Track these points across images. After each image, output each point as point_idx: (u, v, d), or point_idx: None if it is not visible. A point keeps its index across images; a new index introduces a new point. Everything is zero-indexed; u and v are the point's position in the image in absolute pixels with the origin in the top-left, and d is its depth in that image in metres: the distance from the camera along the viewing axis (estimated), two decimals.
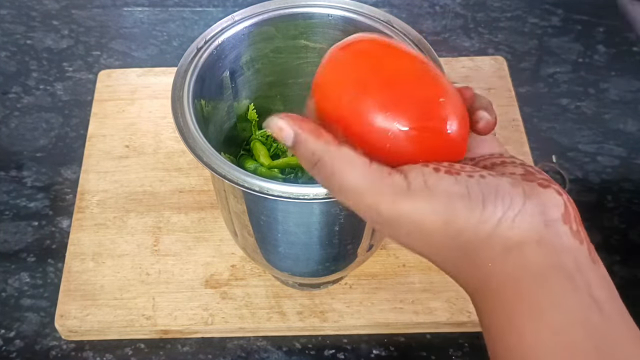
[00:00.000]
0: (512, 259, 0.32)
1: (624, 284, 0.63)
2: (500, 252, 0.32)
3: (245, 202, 0.50)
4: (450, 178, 0.33)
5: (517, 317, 0.32)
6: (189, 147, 0.46)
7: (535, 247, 0.32)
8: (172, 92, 0.49)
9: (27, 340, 0.60)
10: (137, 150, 0.70)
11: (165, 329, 0.59)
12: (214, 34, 0.52)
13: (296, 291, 0.61)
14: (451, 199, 0.32)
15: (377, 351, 0.60)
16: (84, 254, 0.63)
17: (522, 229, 0.32)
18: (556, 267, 0.32)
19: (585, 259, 0.32)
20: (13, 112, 0.76)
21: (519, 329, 0.32)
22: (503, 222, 0.32)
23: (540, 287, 0.32)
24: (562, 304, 0.31)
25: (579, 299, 0.31)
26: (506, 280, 0.32)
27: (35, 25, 0.85)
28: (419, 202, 0.33)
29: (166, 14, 0.86)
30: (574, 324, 0.31)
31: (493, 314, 0.33)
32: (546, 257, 0.32)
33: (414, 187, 0.33)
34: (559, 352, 0.31)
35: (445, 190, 0.33)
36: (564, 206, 0.33)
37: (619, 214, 0.68)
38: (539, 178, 0.34)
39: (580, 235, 0.33)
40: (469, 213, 0.32)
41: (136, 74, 0.76)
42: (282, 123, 0.35)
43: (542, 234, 0.32)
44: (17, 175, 0.71)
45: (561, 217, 0.33)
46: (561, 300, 0.31)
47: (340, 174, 0.34)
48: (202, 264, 0.63)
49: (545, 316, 0.31)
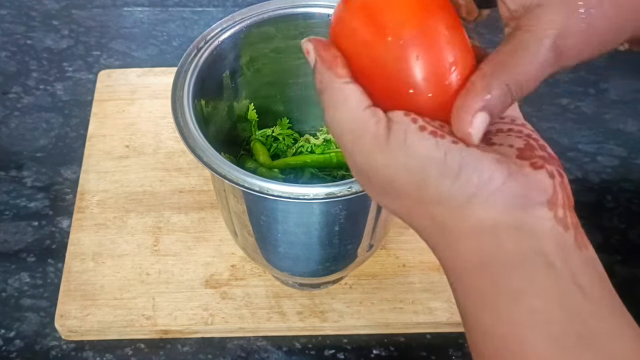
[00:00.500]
0: (487, 242, 0.31)
1: (624, 283, 0.63)
2: (470, 230, 0.32)
3: (245, 202, 0.50)
4: (432, 140, 0.32)
5: (495, 299, 0.31)
6: (189, 147, 0.46)
7: (512, 232, 0.31)
8: (172, 92, 0.49)
9: (27, 340, 0.60)
10: (137, 150, 0.70)
11: (165, 329, 0.59)
12: (214, 34, 0.52)
13: (296, 291, 0.61)
14: (424, 162, 0.32)
15: (377, 351, 0.60)
16: (84, 254, 0.63)
17: (498, 211, 0.31)
18: (534, 252, 0.31)
19: (570, 246, 0.31)
20: (13, 112, 0.76)
21: (495, 311, 0.31)
22: (476, 199, 0.31)
23: (517, 272, 0.31)
24: (540, 287, 0.30)
25: (559, 284, 0.30)
26: (480, 263, 0.32)
27: (35, 25, 0.85)
28: (392, 159, 0.32)
29: (166, 14, 0.86)
30: (553, 306, 0.30)
31: (468, 295, 0.32)
32: (523, 242, 0.31)
33: (393, 141, 0.32)
34: (537, 330, 0.30)
35: (420, 152, 0.32)
36: (553, 190, 0.32)
37: (619, 213, 0.68)
38: (536, 156, 0.33)
39: (566, 221, 0.32)
40: (441, 180, 0.31)
41: (136, 74, 0.76)
42: (309, 46, 0.35)
43: (519, 217, 0.31)
44: (17, 175, 0.71)
45: (546, 201, 0.31)
46: (539, 283, 0.30)
47: (333, 109, 0.34)
48: (202, 264, 0.63)
49: (523, 298, 0.30)
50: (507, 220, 0.31)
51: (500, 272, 0.31)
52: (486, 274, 0.32)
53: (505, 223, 0.31)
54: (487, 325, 0.32)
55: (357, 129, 0.33)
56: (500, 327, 0.31)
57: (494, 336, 0.31)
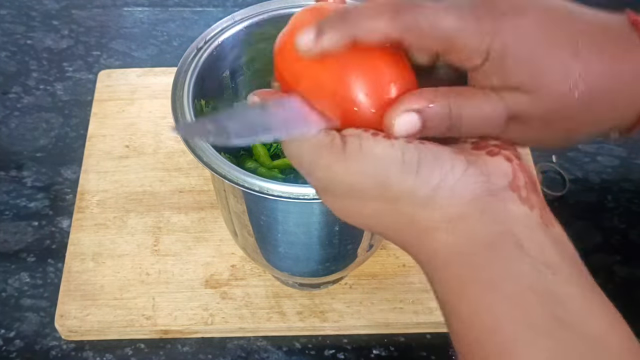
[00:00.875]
0: (457, 231, 0.32)
1: (624, 284, 0.63)
2: (440, 221, 0.32)
3: (245, 202, 0.50)
4: (386, 142, 0.33)
5: (469, 288, 0.32)
6: (189, 147, 0.46)
7: (480, 217, 0.32)
8: (172, 92, 0.49)
9: (27, 340, 0.60)
10: (137, 150, 0.70)
11: (165, 329, 0.59)
12: (214, 34, 0.52)
13: (296, 291, 0.61)
14: (382, 161, 0.32)
15: (377, 351, 0.60)
16: (84, 254, 0.63)
17: (464, 199, 0.32)
18: (503, 235, 0.32)
19: (537, 224, 0.32)
20: (13, 112, 0.76)
21: (472, 299, 0.32)
22: (441, 190, 0.32)
23: (488, 257, 0.32)
24: (512, 271, 0.31)
25: (529, 264, 0.31)
26: (453, 253, 0.32)
27: (35, 25, 0.85)
28: (351, 164, 0.33)
29: (166, 14, 0.86)
30: (526, 289, 0.31)
31: (445, 286, 0.33)
32: (492, 226, 0.32)
33: (349, 150, 0.33)
34: (513, 316, 0.31)
35: (377, 153, 0.32)
36: (513, 173, 0.33)
37: (619, 213, 0.68)
38: (490, 145, 0.34)
39: (530, 201, 0.33)
40: (402, 176, 0.32)
41: (136, 74, 0.76)
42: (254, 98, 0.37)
43: (485, 203, 0.32)
44: (17, 175, 0.71)
45: (508, 184, 0.32)
46: (511, 268, 0.31)
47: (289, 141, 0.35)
48: (202, 264, 0.63)
49: (497, 285, 0.31)
50: (474, 207, 0.32)
51: (473, 260, 0.32)
52: (460, 264, 0.32)
53: (472, 210, 0.32)
54: (465, 316, 0.32)
55: (313, 149, 0.34)
56: (478, 316, 0.32)
57: (473, 326, 0.32)
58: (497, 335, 0.31)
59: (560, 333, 0.30)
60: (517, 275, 0.31)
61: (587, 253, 0.63)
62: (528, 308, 0.31)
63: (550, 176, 0.71)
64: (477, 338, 0.32)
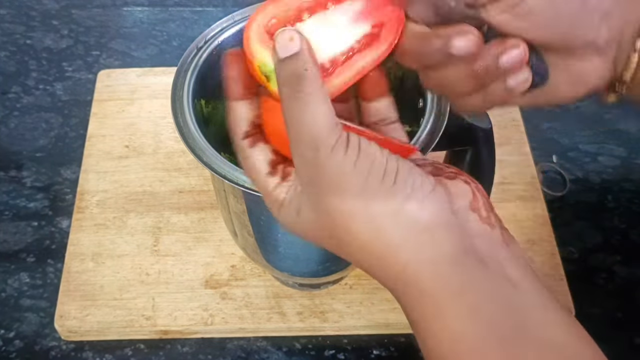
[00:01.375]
0: (424, 244, 0.34)
1: (624, 284, 0.63)
2: (409, 231, 0.34)
3: (245, 202, 0.50)
4: (377, 146, 0.35)
5: (439, 302, 0.33)
6: (189, 147, 0.46)
7: (445, 233, 0.34)
8: (172, 92, 0.49)
9: (26, 340, 0.60)
10: (137, 150, 0.70)
11: (165, 329, 0.59)
12: (214, 34, 0.52)
13: (296, 291, 0.61)
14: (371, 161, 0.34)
15: (377, 351, 0.59)
16: (84, 254, 0.63)
17: (431, 212, 0.34)
18: (468, 251, 0.33)
19: (498, 242, 0.34)
20: (13, 112, 0.76)
21: (442, 313, 0.33)
22: (412, 200, 0.34)
23: (455, 271, 0.33)
24: (477, 285, 0.33)
25: (492, 279, 0.33)
26: (422, 268, 0.34)
27: (35, 25, 0.85)
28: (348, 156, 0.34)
29: (166, 13, 0.86)
30: (490, 302, 0.33)
31: (416, 304, 0.34)
32: (456, 242, 0.34)
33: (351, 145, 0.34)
34: (479, 329, 0.32)
35: (369, 153, 0.34)
36: (472, 194, 0.35)
37: (620, 214, 0.68)
38: (447, 172, 0.36)
39: (490, 220, 0.35)
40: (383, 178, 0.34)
41: (136, 74, 0.76)
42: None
43: (450, 220, 0.34)
44: (17, 175, 0.70)
45: (469, 204, 0.35)
46: (476, 282, 0.33)
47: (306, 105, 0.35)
48: (202, 264, 0.62)
49: (464, 297, 0.33)
50: (440, 221, 0.34)
51: (439, 273, 0.34)
52: (427, 278, 0.34)
53: (438, 226, 0.34)
54: (436, 329, 0.34)
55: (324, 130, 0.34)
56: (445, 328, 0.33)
57: (442, 339, 0.33)
58: (462, 344, 0.32)
59: (523, 340, 0.32)
60: (480, 288, 0.33)
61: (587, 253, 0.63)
62: (491, 318, 0.32)
63: (550, 176, 0.71)
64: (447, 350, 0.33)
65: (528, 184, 0.68)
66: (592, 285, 0.63)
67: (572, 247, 0.65)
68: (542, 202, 0.66)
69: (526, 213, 0.66)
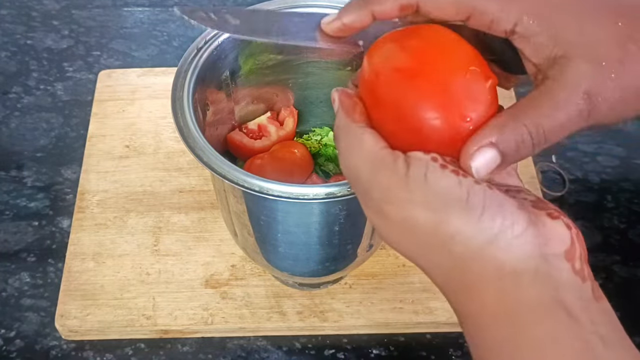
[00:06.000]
0: (507, 289, 0.31)
1: (623, 284, 0.63)
2: (491, 275, 0.31)
3: (245, 202, 0.50)
4: (454, 178, 0.31)
5: (514, 352, 0.31)
6: (189, 147, 0.46)
7: (533, 279, 0.31)
8: (172, 92, 0.49)
9: (27, 340, 0.60)
10: (137, 150, 0.70)
11: (166, 328, 0.59)
12: (214, 34, 0.52)
13: (296, 291, 0.61)
14: (447, 199, 0.31)
15: (377, 351, 0.60)
16: (84, 254, 0.63)
17: (519, 256, 0.31)
18: (555, 300, 0.30)
19: (588, 296, 0.31)
20: (13, 112, 0.76)
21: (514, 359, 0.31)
22: (499, 241, 0.30)
23: (539, 322, 0.30)
24: (562, 340, 0.30)
25: (580, 334, 0.30)
26: (502, 312, 0.31)
27: (35, 25, 0.85)
28: (413, 193, 0.31)
29: (166, 14, 0.86)
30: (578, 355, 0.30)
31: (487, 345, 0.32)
32: (544, 290, 0.31)
33: (412, 176, 0.31)
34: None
35: (443, 188, 0.31)
36: (570, 241, 0.32)
37: (619, 213, 0.68)
38: (550, 208, 0.33)
39: (583, 273, 0.31)
40: (464, 219, 0.31)
41: (136, 74, 0.76)
42: (335, 94, 0.36)
43: (540, 266, 0.31)
44: (18, 175, 0.71)
45: (564, 253, 0.31)
46: (562, 336, 0.30)
47: (349, 152, 0.34)
48: (202, 264, 0.63)
49: (546, 352, 0.30)
50: (527, 268, 0.31)
51: (522, 322, 0.31)
52: (507, 324, 0.31)
53: (526, 270, 0.31)
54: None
55: (374, 167, 0.32)
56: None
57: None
58: None
59: None
60: (568, 343, 0.30)
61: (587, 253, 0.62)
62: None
63: (550, 176, 0.71)
64: None
65: (527, 183, 0.68)
66: None
67: None
68: None
69: None
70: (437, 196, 0.31)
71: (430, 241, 0.32)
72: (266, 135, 0.60)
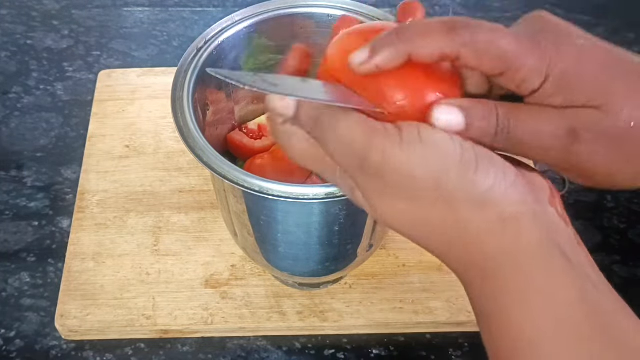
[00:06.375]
0: (510, 235, 0.32)
1: (624, 283, 0.63)
2: (494, 221, 0.32)
3: (245, 202, 0.50)
4: (445, 135, 0.32)
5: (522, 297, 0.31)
6: (189, 147, 0.46)
7: (532, 220, 0.32)
8: (172, 92, 0.49)
9: (27, 340, 0.60)
10: (137, 150, 0.70)
11: (166, 328, 0.59)
12: (214, 34, 0.52)
13: (296, 291, 0.61)
14: (442, 154, 0.31)
15: (377, 351, 0.60)
16: (84, 254, 0.63)
17: (517, 200, 0.32)
18: (552, 243, 0.32)
19: (574, 239, 0.33)
20: (13, 112, 0.76)
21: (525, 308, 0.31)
22: (496, 189, 0.32)
23: (541, 265, 0.31)
24: (562, 283, 0.31)
25: (577, 275, 0.31)
26: (505, 259, 0.32)
27: (35, 25, 0.85)
28: (411, 153, 0.32)
29: (166, 14, 0.86)
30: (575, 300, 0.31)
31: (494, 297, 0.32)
32: (542, 232, 0.32)
33: (407, 138, 0.32)
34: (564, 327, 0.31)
35: (439, 144, 0.32)
36: (549, 189, 0.34)
37: (619, 213, 0.68)
38: (524, 165, 0.34)
39: (565, 217, 0.33)
40: (462, 172, 0.31)
41: (136, 74, 0.76)
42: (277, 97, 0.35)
43: (535, 210, 0.32)
44: (17, 175, 0.71)
45: (547, 199, 0.33)
46: (562, 279, 0.31)
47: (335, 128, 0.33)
48: (202, 264, 0.63)
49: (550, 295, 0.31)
50: (526, 211, 0.32)
51: (527, 265, 0.32)
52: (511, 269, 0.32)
53: (525, 214, 0.32)
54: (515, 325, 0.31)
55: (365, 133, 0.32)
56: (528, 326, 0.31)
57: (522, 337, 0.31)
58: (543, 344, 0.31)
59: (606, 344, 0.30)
60: (567, 285, 0.31)
61: None
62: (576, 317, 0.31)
63: (550, 176, 0.70)
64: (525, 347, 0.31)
65: None
66: None
67: None
68: None
69: None
70: (434, 152, 0.32)
71: (430, 202, 0.33)
72: (266, 136, 0.60)
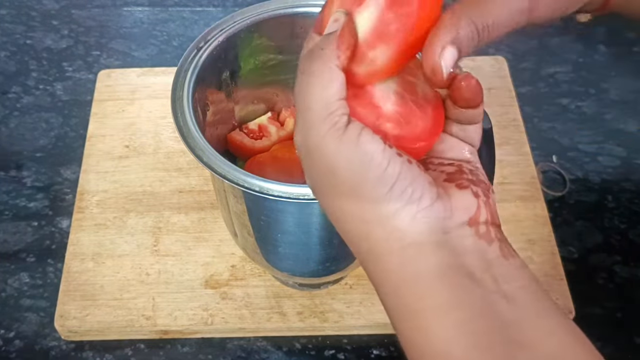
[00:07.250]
0: (410, 258, 0.33)
1: (624, 284, 0.63)
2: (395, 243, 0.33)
3: (245, 202, 0.50)
4: (381, 144, 0.33)
5: (422, 320, 0.32)
6: (189, 147, 0.46)
7: (434, 249, 0.33)
8: (172, 92, 0.49)
9: (26, 340, 0.60)
10: (137, 150, 0.70)
11: (165, 329, 0.59)
12: (214, 34, 0.52)
13: (296, 291, 0.61)
14: (367, 161, 0.32)
15: (377, 351, 0.60)
16: (84, 254, 0.63)
17: (422, 229, 0.33)
18: (454, 267, 0.32)
19: (495, 257, 0.33)
20: (13, 112, 0.76)
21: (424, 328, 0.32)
22: (404, 213, 0.33)
23: (438, 287, 0.32)
24: (462, 300, 0.32)
25: (482, 295, 0.32)
26: (405, 280, 0.33)
27: (35, 25, 0.85)
28: (342, 150, 0.33)
29: (166, 13, 0.86)
30: (478, 316, 0.31)
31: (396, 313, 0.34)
32: (444, 259, 0.32)
33: (347, 136, 0.33)
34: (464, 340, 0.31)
35: (367, 151, 0.33)
36: (476, 208, 0.34)
37: (619, 214, 0.68)
38: (462, 178, 0.35)
39: (489, 235, 0.34)
40: (376, 184, 0.32)
41: (136, 74, 0.76)
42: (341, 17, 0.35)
43: (440, 239, 0.33)
44: (17, 175, 0.70)
45: (468, 220, 0.33)
46: (461, 297, 0.32)
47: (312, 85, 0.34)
48: (202, 264, 0.62)
49: (449, 315, 0.32)
50: (429, 240, 0.33)
51: (426, 287, 0.33)
52: (409, 292, 0.33)
53: (427, 242, 0.33)
54: (419, 345, 0.33)
55: (323, 113, 0.33)
56: (431, 345, 0.32)
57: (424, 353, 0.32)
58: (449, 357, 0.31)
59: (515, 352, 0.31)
60: (469, 304, 0.32)
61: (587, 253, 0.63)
62: (479, 332, 0.31)
63: (550, 176, 0.71)
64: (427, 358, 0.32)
65: (528, 184, 0.68)
66: (592, 285, 0.63)
67: (572, 247, 0.65)
68: (542, 202, 0.67)
69: (526, 213, 0.66)
70: (361, 156, 0.33)
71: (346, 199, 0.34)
72: (267, 136, 0.60)
